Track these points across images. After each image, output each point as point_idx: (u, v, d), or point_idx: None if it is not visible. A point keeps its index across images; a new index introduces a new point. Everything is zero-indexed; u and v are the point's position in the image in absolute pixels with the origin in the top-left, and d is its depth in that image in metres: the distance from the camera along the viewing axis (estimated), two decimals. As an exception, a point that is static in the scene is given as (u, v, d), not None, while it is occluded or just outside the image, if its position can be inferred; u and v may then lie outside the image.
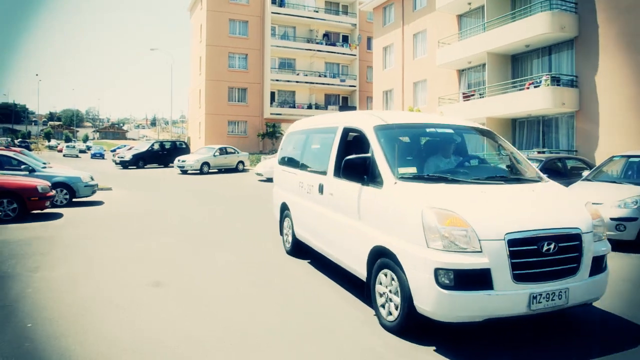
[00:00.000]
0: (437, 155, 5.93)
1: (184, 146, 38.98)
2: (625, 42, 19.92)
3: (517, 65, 25.88)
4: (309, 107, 50.28)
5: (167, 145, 38.39)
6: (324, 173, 6.73)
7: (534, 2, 23.77)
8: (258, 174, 25.99)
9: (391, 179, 5.11)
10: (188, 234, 10.39)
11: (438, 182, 5.11)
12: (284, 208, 8.67)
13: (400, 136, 6.01)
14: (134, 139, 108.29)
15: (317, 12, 50.88)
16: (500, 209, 4.68)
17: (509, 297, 4.32)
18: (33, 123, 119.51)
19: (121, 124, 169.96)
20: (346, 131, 6.55)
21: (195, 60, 52.60)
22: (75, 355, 4.34)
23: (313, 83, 50.13)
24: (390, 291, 4.96)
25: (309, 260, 8.00)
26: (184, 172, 30.76)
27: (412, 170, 5.39)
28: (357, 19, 51.81)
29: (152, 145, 38.28)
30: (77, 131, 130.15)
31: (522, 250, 4.39)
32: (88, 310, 5.53)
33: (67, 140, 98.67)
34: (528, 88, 23.17)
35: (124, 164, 35.35)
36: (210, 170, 31.35)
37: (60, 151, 69.06)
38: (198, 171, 30.66)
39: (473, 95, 27.32)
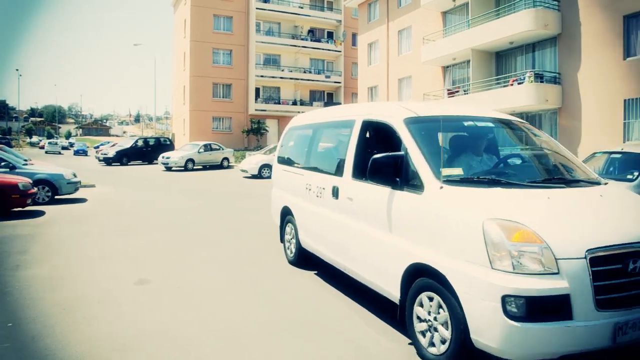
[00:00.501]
0: (479, 153, 5.12)
1: (168, 143, 38.72)
2: (606, 40, 20.14)
3: (501, 62, 26.07)
4: (294, 103, 50.28)
5: (151, 142, 38.07)
6: (339, 174, 5.83)
7: (518, -1, 23.96)
8: (243, 171, 25.93)
9: (435, 182, 4.21)
10: (174, 232, 10.28)
11: (492, 186, 4.22)
12: (286, 213, 7.74)
13: (436, 131, 5.10)
14: (117, 136, 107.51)
15: (302, 8, 50.82)
16: (575, 220, 3.90)
17: (591, 329, 3.51)
18: (14, 119, 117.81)
19: (104, 121, 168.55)
20: (366, 125, 5.63)
21: (180, 56, 52.27)
22: (57, 355, 4.28)
23: (298, 79, 50.09)
24: (434, 319, 4.11)
25: (316, 272, 7.12)
26: (168, 168, 30.54)
27: (458, 171, 4.53)
28: (342, 15, 51.84)
29: (136, 141, 37.96)
30: (60, 127, 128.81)
31: (606, 270, 3.58)
32: (70, 308, 5.45)
33: (49, 136, 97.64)
34: (512, 85, 23.38)
35: (107, 161, 35.00)
36: (194, 167, 31.16)
37: (42, 148, 68.23)
38: (182, 168, 30.46)
39: (458, 91, 27.46)
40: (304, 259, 7.34)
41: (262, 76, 48.69)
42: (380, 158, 4.58)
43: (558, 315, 3.48)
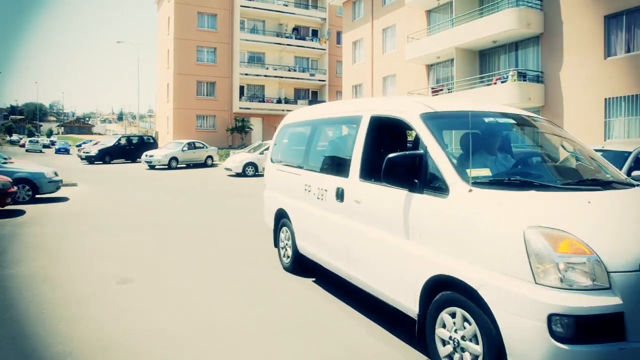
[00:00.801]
0: (493, 152, 4.66)
1: (151, 141, 38.52)
2: (587, 39, 20.36)
3: (484, 60, 26.25)
4: (279, 101, 50.17)
5: (135, 140, 37.81)
6: (344, 175, 5.34)
7: (501, -2, 24.14)
8: (227, 169, 25.85)
9: (461, 185, 3.76)
10: (156, 232, 10.19)
11: (526, 189, 3.79)
12: (281, 215, 7.21)
13: (456, 128, 4.80)
14: (100, 134, 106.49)
15: (286, 5, 50.70)
16: (622, 227, 3.46)
17: None
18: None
19: (87, 119, 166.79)
20: (375, 121, 5.13)
21: (163, 53, 51.89)
22: (38, 355, 4.22)
23: (282, 77, 49.97)
24: (462, 338, 3.66)
25: (314, 279, 6.67)
26: (152, 167, 30.34)
27: (485, 172, 4.09)
28: (327, 14, 51.79)
29: (119, 140, 37.65)
30: (41, 125, 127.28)
31: None
32: (51, 308, 5.38)
33: (30, 134, 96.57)
34: (495, 83, 23.54)
35: (90, 159, 34.66)
36: (178, 165, 31.00)
37: (23, 146, 67.42)
38: (166, 166, 30.28)
39: (441, 90, 27.60)
40: (301, 266, 6.86)
41: (246, 74, 48.49)
42: (396, 157, 4.13)
43: (610, 336, 3.07)
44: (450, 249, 3.75)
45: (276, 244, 7.53)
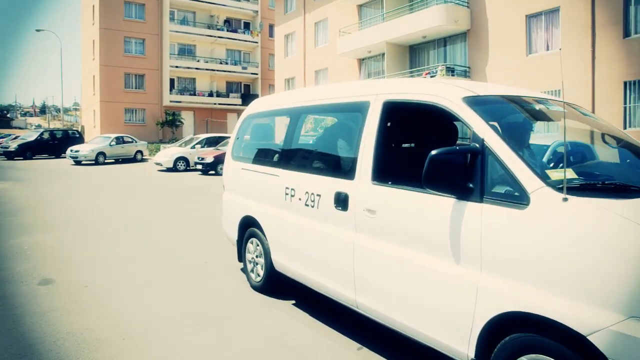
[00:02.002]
0: (526, 145, 3.78)
1: (77, 135, 37.11)
2: (512, 37, 21.26)
3: (414, 55, 26.87)
4: (210, 94, 49.52)
5: (59, 135, 36.28)
6: (347, 176, 4.27)
7: (430, -5, 24.82)
8: (157, 164, 25.33)
9: (548, 192, 2.82)
10: (79, 229, 9.82)
11: (626, 196, 2.88)
12: (249, 224, 6.05)
13: (509, 117, 3.82)
14: (20, 128, 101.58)
15: (217, -3, 50.04)
16: None
17: None
18: None
19: (4, 112, 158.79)
20: (390, 108, 4.09)
21: (88, 44, 49.98)
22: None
23: (214, 70, 49.31)
24: None
25: (294, 302, 5.52)
26: (78, 162, 29.27)
27: (568, 173, 3.01)
28: (259, 6, 51.56)
29: (42, 134, 36.04)
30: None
31: None
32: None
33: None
34: (425, 77, 24.09)
35: (9, 155, 33.01)
36: (106, 161, 30.07)
37: None
38: (93, 161, 29.28)
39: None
40: (276, 285, 5.73)
41: (176, 67, 47.51)
42: (442, 155, 3.15)
43: None
44: (533, 278, 2.80)
45: (241, 258, 6.32)
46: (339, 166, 4.65)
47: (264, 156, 6.00)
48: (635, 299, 2.40)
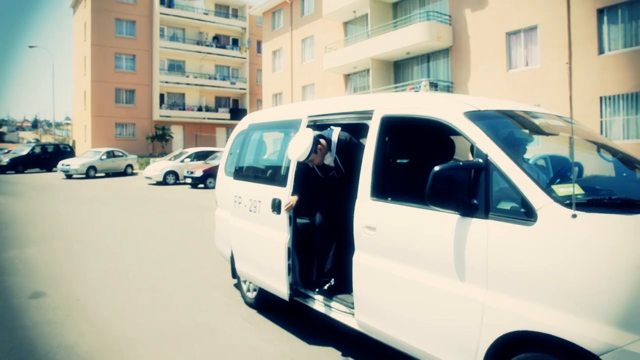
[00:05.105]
0: (560, 161, 3.86)
1: (68, 149, 37.39)
2: (493, 53, 21.88)
3: (399, 71, 27.41)
4: (199, 109, 50.05)
5: (50, 149, 36.58)
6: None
7: (414, 13, 25.48)
8: (147, 177, 25.74)
9: (556, 208, 2.76)
10: (67, 242, 9.91)
11: (635, 211, 2.81)
12: None
13: (510, 131, 3.68)
14: (12, 142, 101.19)
15: (207, 14, 50.67)
16: None
17: None
18: None
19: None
20: (388, 123, 4.02)
21: (80, 60, 50.41)
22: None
23: (203, 85, 49.89)
24: None
25: (287, 318, 5.50)
26: (69, 176, 29.61)
27: (577, 189, 2.90)
28: (247, 23, 52.27)
29: (33, 148, 36.34)
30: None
31: None
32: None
33: None
34: (409, 92, 24.58)
35: (1, 169, 33.22)
36: (97, 175, 30.43)
37: None
38: (84, 175, 29.66)
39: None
40: (270, 301, 5.54)
41: (166, 82, 48.04)
42: (445, 171, 3.07)
43: None
44: (542, 296, 2.72)
45: (235, 274, 6.12)
46: None
47: (258, 173, 5.80)
48: None
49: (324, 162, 4.73)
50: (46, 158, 35.38)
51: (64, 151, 36.57)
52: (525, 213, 2.84)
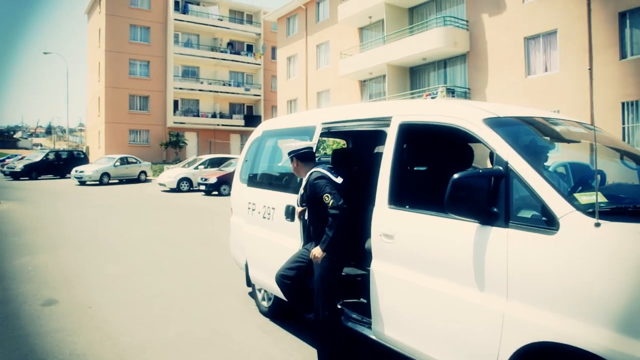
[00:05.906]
0: (581, 168, 3.81)
1: (82, 156, 37.38)
2: (510, 59, 21.54)
3: (415, 77, 27.17)
4: (214, 115, 49.89)
5: (64, 155, 36.59)
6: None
7: (430, 18, 25.20)
8: (161, 184, 25.57)
9: (578, 217, 2.69)
10: (85, 249, 9.93)
11: None
12: None
13: (530, 138, 3.61)
14: (27, 148, 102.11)
15: (221, 20, 50.64)
16: None
17: None
18: None
19: (11, 132, 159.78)
20: (406, 130, 3.99)
21: (94, 66, 50.62)
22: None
23: (217, 92, 49.77)
24: None
25: (299, 327, 5.48)
26: (82, 183, 29.56)
27: (600, 197, 2.81)
28: (262, 29, 52.11)
29: (47, 154, 36.36)
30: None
31: None
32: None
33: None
34: (426, 99, 24.33)
35: (15, 175, 33.28)
36: (110, 181, 30.36)
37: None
38: (97, 182, 29.59)
39: (374, 105, 28.26)
40: (286, 310, 5.56)
41: (180, 88, 48.00)
42: (465, 179, 3.02)
43: None
44: (563, 306, 2.65)
45: (249, 283, 6.17)
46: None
47: (275, 180, 5.84)
48: None
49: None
50: (60, 164, 35.34)
51: (78, 158, 36.54)
52: (547, 222, 2.79)
